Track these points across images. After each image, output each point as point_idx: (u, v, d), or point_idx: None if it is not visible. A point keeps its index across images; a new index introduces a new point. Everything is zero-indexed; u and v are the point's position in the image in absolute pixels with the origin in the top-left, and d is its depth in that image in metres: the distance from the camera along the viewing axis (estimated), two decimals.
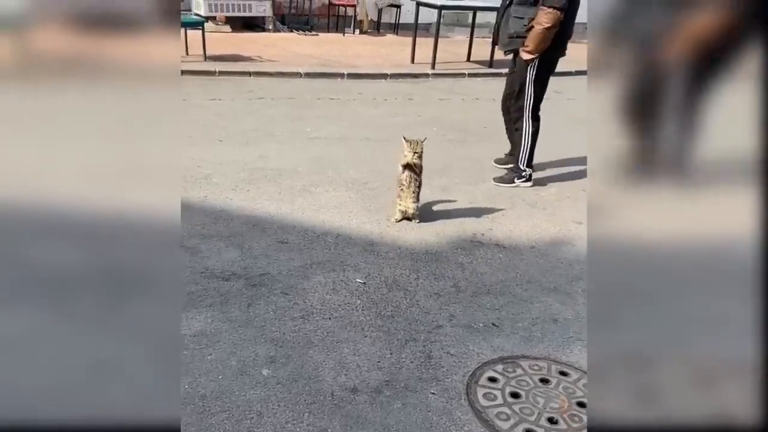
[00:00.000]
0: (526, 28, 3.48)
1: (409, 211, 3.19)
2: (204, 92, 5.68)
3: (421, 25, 8.00)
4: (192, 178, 3.57)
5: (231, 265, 2.64)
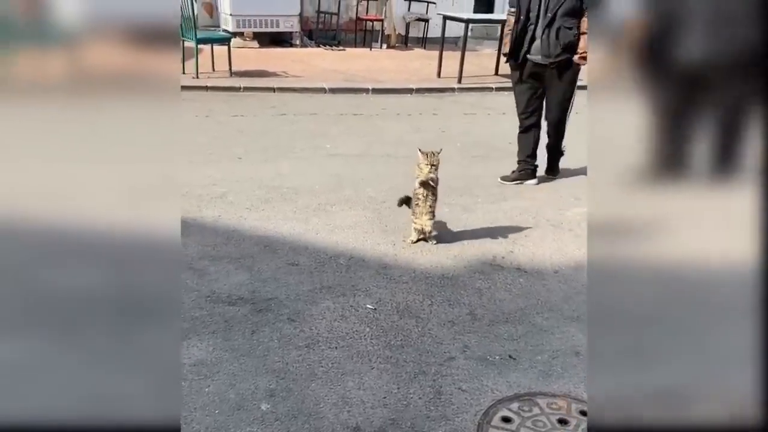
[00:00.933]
0: (576, 37, 3.66)
1: (425, 228, 3.08)
2: (228, 108, 5.68)
3: (449, 38, 7.91)
4: (207, 197, 3.52)
5: (238, 288, 2.56)
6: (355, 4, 9.34)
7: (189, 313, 2.36)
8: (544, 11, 3.68)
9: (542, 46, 3.73)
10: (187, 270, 2.68)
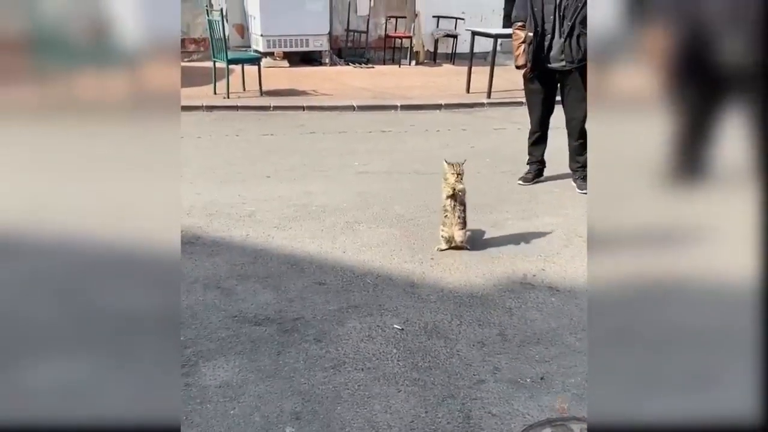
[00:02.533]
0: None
1: (455, 238, 3.12)
2: (258, 127, 5.76)
3: (478, 53, 7.88)
4: (236, 216, 3.55)
5: (265, 308, 2.56)
6: (383, 22, 9.42)
7: (216, 333, 2.35)
8: (561, 20, 3.84)
9: (566, 53, 3.87)
10: (215, 289, 2.69)
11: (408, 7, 9.63)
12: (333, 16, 9.06)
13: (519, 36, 4.02)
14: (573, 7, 3.77)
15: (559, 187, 4.27)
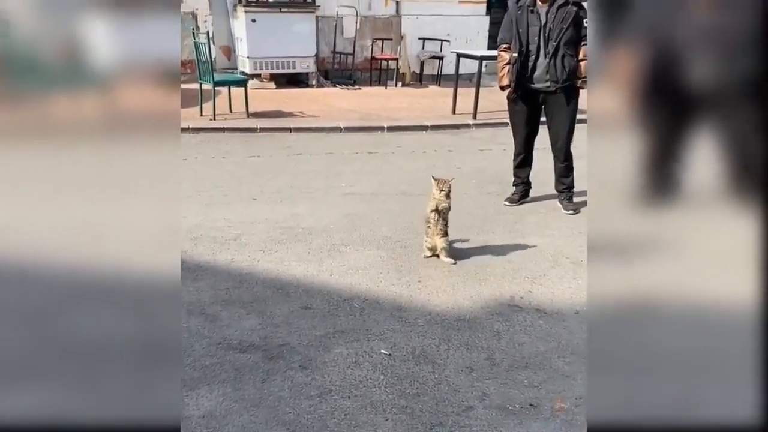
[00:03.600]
0: (576, 64, 3.90)
1: (438, 247, 3.30)
2: (244, 149, 5.74)
3: (463, 75, 7.97)
4: (221, 239, 3.51)
5: (250, 334, 2.51)
6: (369, 44, 9.50)
7: (199, 361, 2.31)
8: (546, 42, 3.89)
9: (550, 73, 3.92)
10: (199, 315, 2.64)
11: (394, 30, 9.74)
12: (320, 38, 9.13)
13: (504, 57, 4.05)
14: (558, 28, 3.82)
15: (545, 208, 4.28)
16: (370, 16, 9.55)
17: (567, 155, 4.16)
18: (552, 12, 3.82)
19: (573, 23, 3.81)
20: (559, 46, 3.85)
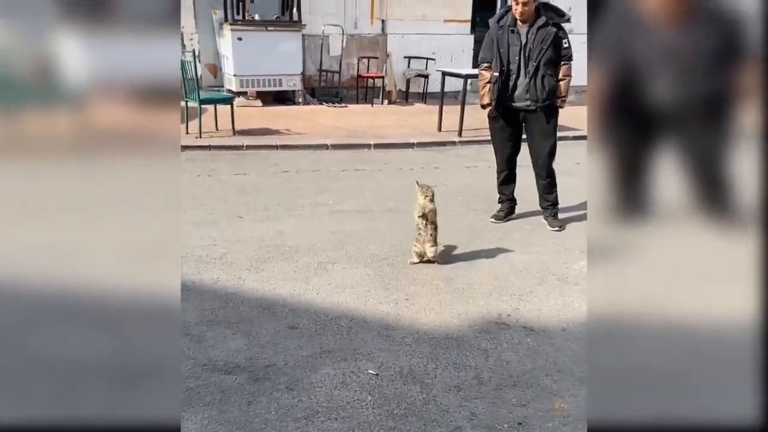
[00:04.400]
0: (556, 83, 3.98)
1: (427, 254, 3.42)
2: (230, 167, 5.72)
3: (449, 93, 8.04)
4: (207, 258, 3.48)
5: (235, 355, 2.48)
6: (356, 62, 9.57)
7: (184, 383, 2.27)
8: (526, 61, 3.95)
9: (530, 92, 3.98)
10: (184, 336, 2.61)
11: (380, 48, 9.83)
12: (306, 57, 9.18)
13: (485, 76, 4.09)
14: (538, 48, 3.88)
15: (530, 225, 4.31)
16: (356, 35, 9.64)
17: (549, 172, 4.21)
18: (532, 33, 3.89)
19: (552, 44, 3.88)
20: (539, 66, 3.91)
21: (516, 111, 4.10)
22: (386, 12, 9.70)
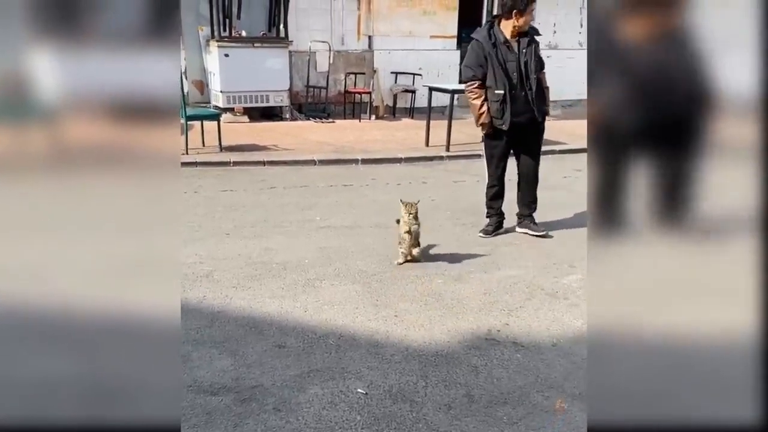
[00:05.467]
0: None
1: (412, 253, 3.68)
2: (217, 183, 5.68)
3: (436, 108, 8.08)
4: (193, 276, 3.43)
5: (222, 375, 2.43)
6: (343, 78, 9.61)
7: None
8: (525, 77, 3.96)
9: (537, 107, 4.03)
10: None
11: (367, 64, 9.88)
12: (293, 73, 9.20)
13: (479, 93, 4.03)
14: (533, 62, 3.92)
15: (519, 239, 4.31)
16: (343, 51, 9.68)
17: (536, 178, 4.34)
18: (523, 45, 3.95)
19: (537, 55, 4.00)
20: (537, 79, 4.00)
21: (517, 126, 4.05)
22: (373, 28, 9.77)
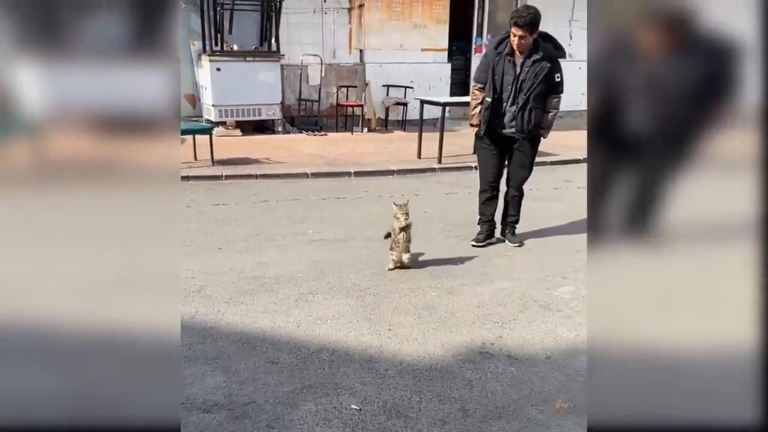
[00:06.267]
0: (542, 115, 4.07)
1: (403, 260, 3.80)
2: (209, 197, 5.67)
3: (428, 120, 8.13)
4: (185, 292, 3.41)
5: (214, 392, 2.41)
6: (335, 91, 9.65)
7: None
8: (516, 93, 4.01)
9: (516, 122, 4.05)
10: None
11: (358, 77, 9.92)
12: (285, 86, 9.22)
13: (477, 96, 4.18)
14: (530, 82, 3.93)
15: (511, 251, 4.32)
16: (334, 64, 9.73)
17: (521, 192, 4.38)
18: (527, 65, 3.91)
19: (545, 78, 3.92)
20: (529, 99, 3.97)
21: (502, 137, 4.18)
22: (364, 42, 9.83)
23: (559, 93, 4.05)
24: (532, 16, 3.78)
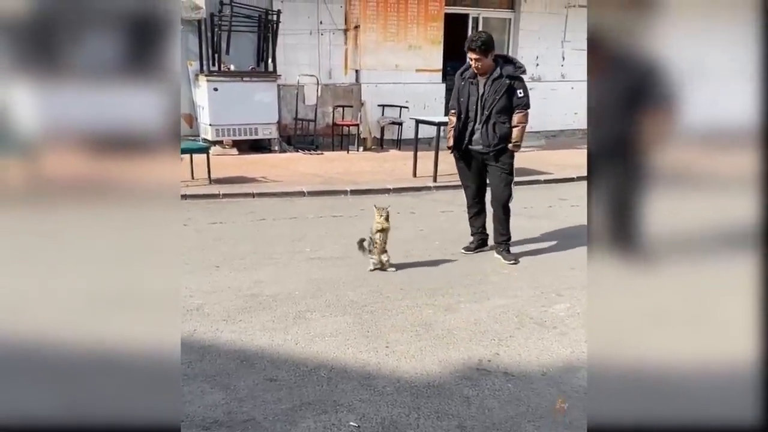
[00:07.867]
0: (509, 129, 4.28)
1: (383, 261, 4.13)
2: (206, 216, 5.69)
3: (423, 139, 8.20)
4: (183, 310, 3.42)
5: (213, 410, 2.42)
6: (331, 110, 9.74)
7: None
8: (481, 110, 4.32)
9: (482, 138, 4.35)
10: None
11: (354, 97, 10.03)
12: (281, 106, 9.31)
13: (452, 121, 4.53)
14: (491, 99, 4.24)
15: (507, 269, 4.36)
16: (330, 84, 9.84)
17: (505, 209, 4.49)
18: (488, 84, 4.25)
19: (506, 94, 4.21)
20: (491, 114, 4.25)
21: (473, 152, 4.47)
22: (360, 62, 9.95)
23: (524, 108, 4.26)
24: (483, 39, 4.12)
